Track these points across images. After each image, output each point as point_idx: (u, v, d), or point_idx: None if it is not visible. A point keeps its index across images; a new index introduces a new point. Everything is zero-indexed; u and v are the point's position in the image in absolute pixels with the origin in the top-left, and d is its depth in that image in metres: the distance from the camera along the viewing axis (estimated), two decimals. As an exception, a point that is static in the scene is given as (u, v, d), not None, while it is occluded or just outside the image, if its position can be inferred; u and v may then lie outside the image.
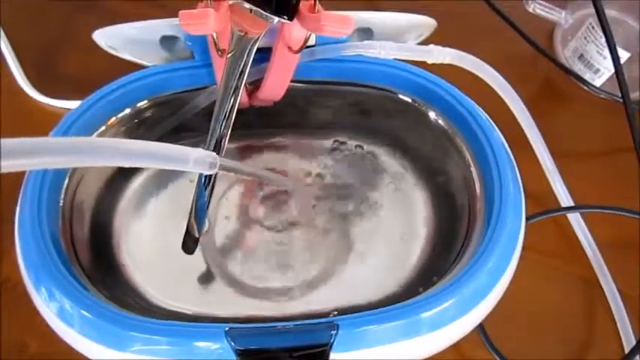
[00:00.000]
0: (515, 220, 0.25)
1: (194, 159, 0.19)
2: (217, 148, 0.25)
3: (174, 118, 0.30)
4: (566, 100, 0.40)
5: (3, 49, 0.38)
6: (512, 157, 0.27)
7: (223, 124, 0.25)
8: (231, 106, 0.24)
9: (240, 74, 0.24)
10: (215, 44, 0.24)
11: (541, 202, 0.33)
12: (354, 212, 0.31)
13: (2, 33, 0.38)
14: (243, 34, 0.24)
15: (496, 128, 0.27)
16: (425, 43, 0.33)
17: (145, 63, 0.32)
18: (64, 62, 0.39)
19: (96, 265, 0.26)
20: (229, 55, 0.24)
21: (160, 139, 0.29)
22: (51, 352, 0.29)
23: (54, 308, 0.23)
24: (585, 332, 0.31)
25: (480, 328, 0.30)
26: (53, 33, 0.40)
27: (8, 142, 0.14)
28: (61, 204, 0.26)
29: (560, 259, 0.33)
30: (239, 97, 0.25)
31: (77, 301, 0.23)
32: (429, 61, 0.28)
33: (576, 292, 0.32)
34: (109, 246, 0.29)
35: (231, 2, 0.23)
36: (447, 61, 0.28)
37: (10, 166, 0.14)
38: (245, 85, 0.26)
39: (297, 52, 0.25)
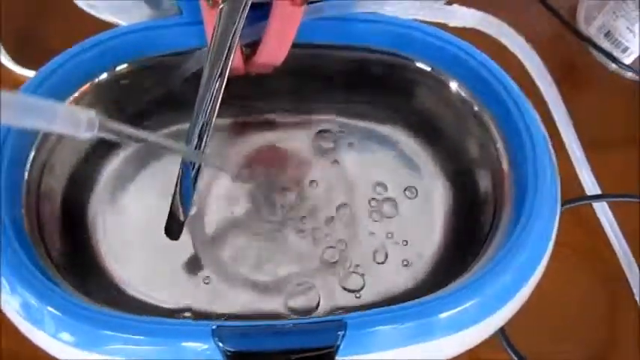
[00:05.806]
0: (550, 208, 0.23)
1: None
2: (206, 122, 0.23)
3: (160, 86, 0.28)
4: (589, 82, 0.38)
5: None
6: (547, 136, 0.25)
7: (214, 92, 0.23)
8: (222, 70, 0.22)
9: (234, 31, 0.22)
10: (205, -6, 0.22)
11: (564, 190, 0.32)
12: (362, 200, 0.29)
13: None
14: (237, -18, 0.21)
15: (530, 103, 0.25)
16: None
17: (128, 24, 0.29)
18: (45, 32, 0.37)
19: (66, 251, 0.25)
20: (221, 6, 0.22)
21: (146, 112, 0.28)
22: (21, 350, 0.27)
23: (15, 303, 0.21)
24: (610, 329, 0.30)
25: (500, 329, 0.27)
26: (32, 1, 0.38)
27: None
28: (25, 179, 0.24)
29: (584, 251, 0.32)
30: (231, 60, 0.22)
31: (42, 295, 0.21)
32: (451, 24, 0.26)
33: (600, 286, 0.31)
34: (82, 230, 0.27)
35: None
36: (470, 24, 0.26)
37: None
38: (240, 47, 0.24)
39: (301, 4, 0.23)
